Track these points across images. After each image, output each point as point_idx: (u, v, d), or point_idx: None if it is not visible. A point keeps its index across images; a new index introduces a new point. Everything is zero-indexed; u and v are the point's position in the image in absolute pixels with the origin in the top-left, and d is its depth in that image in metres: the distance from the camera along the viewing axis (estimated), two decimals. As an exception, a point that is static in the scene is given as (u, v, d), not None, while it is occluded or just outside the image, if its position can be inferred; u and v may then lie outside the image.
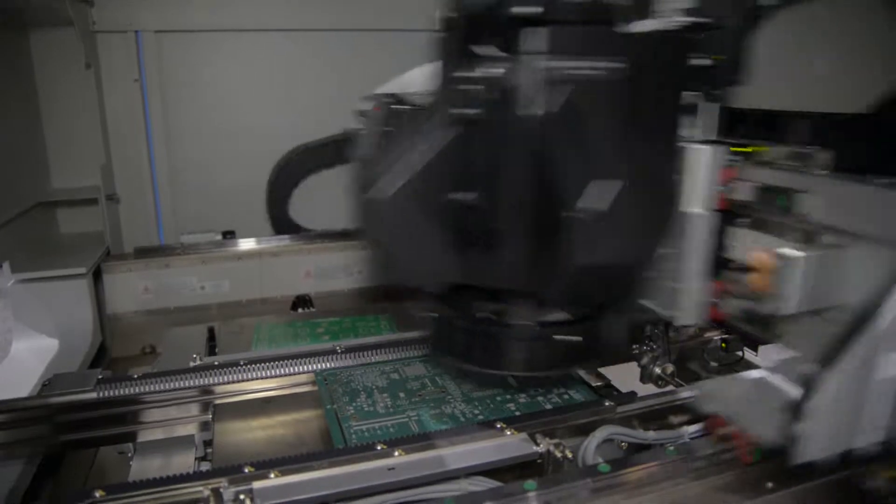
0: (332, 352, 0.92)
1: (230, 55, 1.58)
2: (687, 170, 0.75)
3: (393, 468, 0.63)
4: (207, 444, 0.82)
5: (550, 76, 0.60)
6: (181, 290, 1.36)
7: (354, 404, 0.81)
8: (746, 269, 0.70)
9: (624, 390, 0.86)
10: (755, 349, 0.94)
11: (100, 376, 0.84)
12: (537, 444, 0.68)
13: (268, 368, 0.88)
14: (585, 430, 0.73)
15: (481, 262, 0.69)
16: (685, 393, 0.83)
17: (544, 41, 0.60)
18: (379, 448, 0.66)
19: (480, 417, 0.78)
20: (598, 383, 0.88)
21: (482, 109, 0.61)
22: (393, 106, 0.84)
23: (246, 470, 0.62)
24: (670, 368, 0.91)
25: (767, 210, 0.72)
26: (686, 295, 0.78)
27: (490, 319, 0.74)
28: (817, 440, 0.55)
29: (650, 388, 0.91)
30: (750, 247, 0.75)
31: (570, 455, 0.67)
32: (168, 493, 0.61)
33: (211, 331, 1.17)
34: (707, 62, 0.73)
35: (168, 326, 1.24)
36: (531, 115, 0.60)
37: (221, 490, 0.60)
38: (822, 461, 0.56)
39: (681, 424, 0.77)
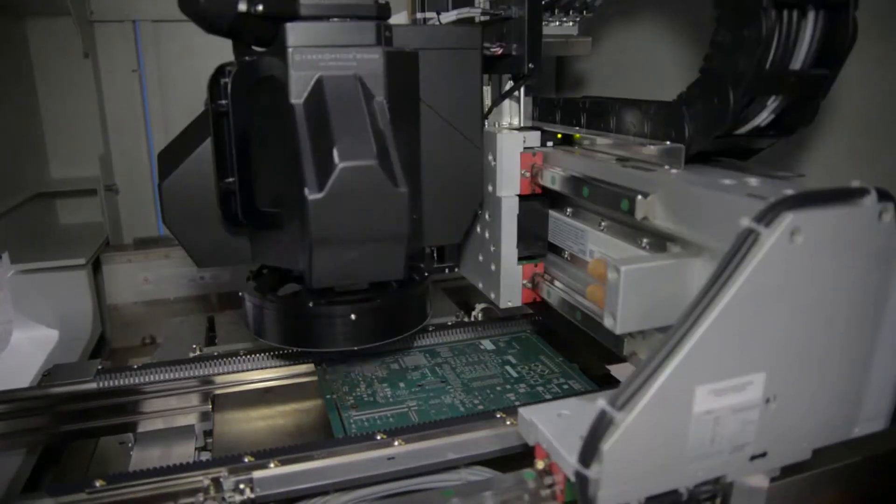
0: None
1: (227, 47, 1.57)
2: (496, 155, 0.81)
3: (393, 458, 0.63)
4: (207, 434, 0.82)
5: (303, 67, 0.65)
6: (181, 281, 1.36)
7: (354, 394, 0.81)
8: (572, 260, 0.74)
9: (623, 380, 0.86)
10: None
11: (99, 367, 0.84)
12: (537, 434, 0.68)
13: (268, 358, 0.88)
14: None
15: (263, 243, 0.76)
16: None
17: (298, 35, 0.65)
18: (379, 438, 0.66)
19: (480, 407, 0.78)
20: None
21: (232, 101, 0.68)
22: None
23: (246, 459, 0.62)
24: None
25: (610, 210, 0.68)
26: (503, 276, 0.85)
27: (283, 299, 0.83)
28: (619, 483, 0.46)
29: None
30: (601, 254, 0.74)
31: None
32: (168, 483, 0.61)
33: (211, 321, 1.17)
34: (499, 51, 0.82)
35: (168, 317, 1.25)
36: (285, 103, 0.65)
37: (221, 479, 0.60)
38: None
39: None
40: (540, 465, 0.56)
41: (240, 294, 0.84)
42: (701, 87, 0.63)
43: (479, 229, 0.89)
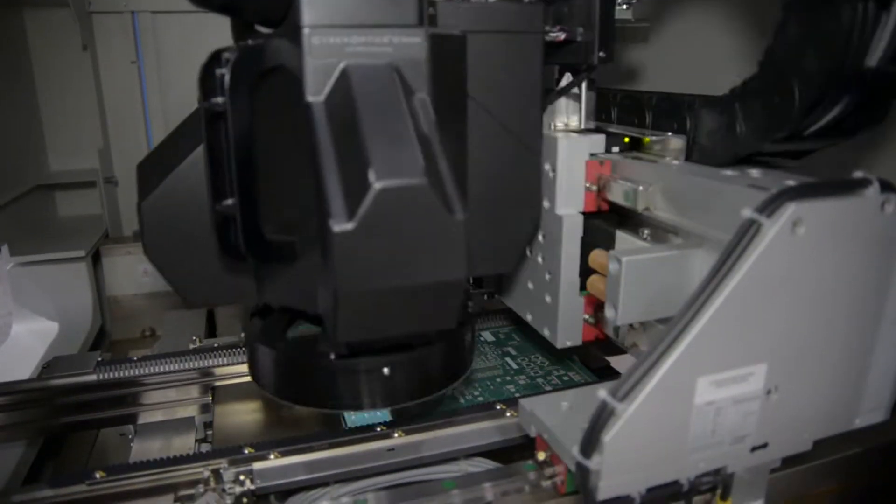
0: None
1: (228, 36, 1.56)
2: (555, 164, 0.66)
3: (392, 449, 0.63)
4: (208, 425, 0.82)
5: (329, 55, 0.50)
6: (180, 273, 1.35)
7: (354, 386, 0.80)
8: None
9: (623, 372, 0.86)
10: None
11: (99, 359, 0.84)
12: (537, 426, 0.67)
13: (267, 351, 0.87)
14: (585, 412, 0.73)
15: (271, 278, 0.60)
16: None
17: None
18: (378, 429, 0.66)
19: (480, 399, 0.78)
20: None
21: (231, 99, 0.51)
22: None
23: (246, 451, 0.62)
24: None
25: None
26: (560, 311, 0.70)
27: (291, 345, 0.65)
28: (620, 474, 0.46)
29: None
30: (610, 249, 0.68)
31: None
32: (168, 474, 0.61)
33: (210, 313, 1.17)
34: (561, 36, 0.66)
35: (167, 309, 1.24)
36: (306, 101, 0.50)
37: (221, 471, 0.60)
38: (631, 497, 0.48)
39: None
40: (541, 456, 0.56)
41: (242, 335, 0.71)
42: (760, 83, 0.57)
43: (529, 252, 0.74)
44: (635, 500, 0.48)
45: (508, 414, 0.69)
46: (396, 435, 0.65)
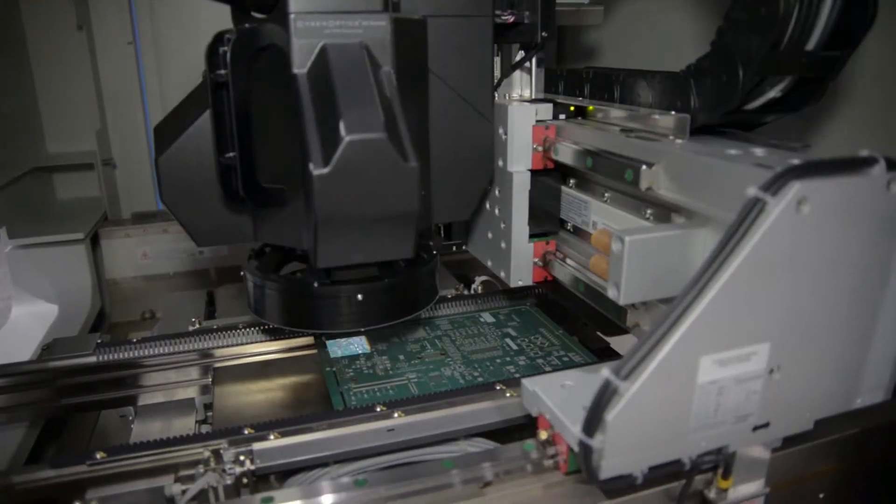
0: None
1: (226, 16, 1.54)
2: (507, 128, 0.78)
3: (392, 429, 0.63)
4: (208, 407, 0.82)
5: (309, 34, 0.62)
6: (180, 256, 1.35)
7: (354, 367, 0.81)
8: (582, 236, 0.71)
9: (623, 353, 0.86)
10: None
11: (99, 340, 0.84)
12: (537, 406, 0.68)
13: (267, 332, 0.88)
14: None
15: (266, 221, 0.73)
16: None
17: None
18: (378, 410, 0.66)
19: (480, 380, 0.78)
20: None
21: (231, 71, 0.65)
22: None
23: (246, 431, 0.62)
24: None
25: (614, 181, 0.68)
26: (513, 255, 0.81)
27: (287, 279, 0.79)
28: (622, 453, 0.47)
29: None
30: (604, 225, 0.73)
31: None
32: (169, 455, 0.61)
33: (210, 295, 1.17)
34: (511, 19, 0.79)
35: (167, 291, 1.24)
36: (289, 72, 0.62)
37: (222, 451, 0.60)
38: (633, 476, 0.48)
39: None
40: (543, 435, 0.56)
41: (241, 273, 0.81)
42: (710, 62, 0.61)
43: (488, 206, 0.87)
44: (637, 478, 0.48)
45: (508, 394, 0.69)
46: (396, 415, 0.65)
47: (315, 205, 0.59)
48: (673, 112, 0.66)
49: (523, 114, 0.77)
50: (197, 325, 0.93)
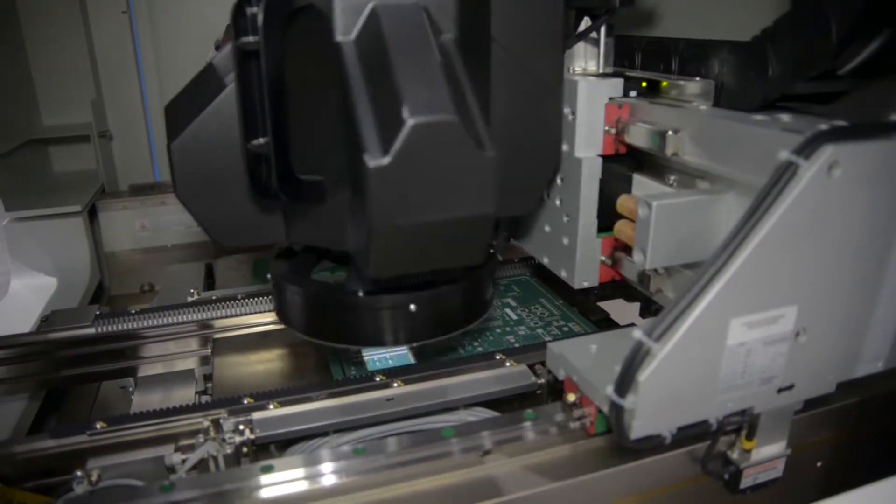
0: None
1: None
2: (574, 107, 0.66)
3: (392, 399, 0.63)
4: (207, 378, 0.82)
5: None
6: (178, 228, 1.34)
7: (353, 338, 0.80)
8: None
9: (623, 323, 0.86)
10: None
11: (97, 312, 0.84)
12: (537, 376, 0.68)
13: (266, 302, 0.87)
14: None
15: (300, 217, 0.62)
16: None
17: None
18: (378, 379, 0.66)
19: (480, 349, 0.78)
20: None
21: (265, 38, 0.51)
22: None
23: (245, 401, 0.63)
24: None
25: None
26: (579, 252, 0.70)
27: (321, 285, 0.68)
28: (652, 414, 0.47)
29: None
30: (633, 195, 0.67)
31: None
32: (169, 425, 0.61)
33: (209, 267, 1.16)
34: None
35: (166, 264, 1.24)
36: (336, 40, 0.51)
37: (221, 421, 0.60)
38: (663, 436, 0.49)
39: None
40: (570, 398, 0.57)
41: (269, 276, 0.72)
42: (793, 21, 0.55)
43: (546, 195, 0.74)
44: (666, 438, 0.49)
45: (508, 364, 0.69)
46: (396, 385, 0.65)
47: (370, 203, 0.47)
48: (697, 78, 0.64)
49: (595, 90, 0.66)
50: (196, 297, 0.92)
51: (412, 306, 0.63)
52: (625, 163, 0.68)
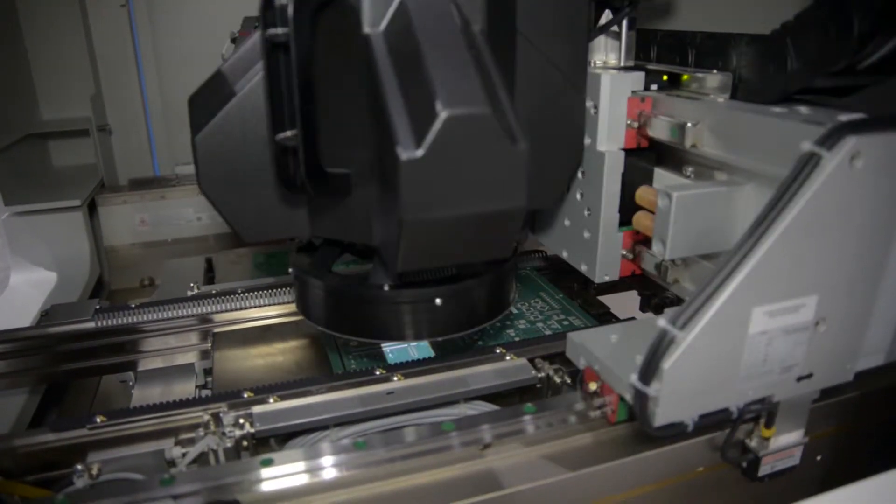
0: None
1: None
2: (597, 100, 0.66)
3: (392, 392, 0.63)
4: (207, 372, 0.82)
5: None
6: (178, 222, 1.34)
7: (353, 332, 0.80)
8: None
9: (622, 317, 0.86)
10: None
11: (97, 306, 0.84)
12: (537, 370, 0.68)
13: (266, 296, 0.87)
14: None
15: (326, 211, 0.62)
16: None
17: None
18: (378, 373, 0.66)
19: (480, 343, 0.78)
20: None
21: (295, 29, 0.51)
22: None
23: (245, 395, 0.63)
24: (671, 296, 0.90)
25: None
26: (600, 247, 0.70)
27: (342, 278, 0.69)
28: (676, 402, 0.48)
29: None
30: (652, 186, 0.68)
31: (569, 381, 0.67)
32: (169, 418, 0.61)
33: (209, 261, 1.16)
34: None
35: (166, 258, 1.24)
36: (365, 31, 0.51)
37: (221, 414, 0.60)
38: (685, 423, 0.50)
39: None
40: (592, 386, 0.58)
41: (290, 270, 0.72)
42: (815, 15, 0.55)
43: (566, 189, 0.74)
44: (689, 426, 0.50)
45: (508, 357, 0.69)
46: (396, 378, 0.65)
47: (402, 197, 0.47)
48: (714, 71, 0.64)
49: (618, 84, 0.66)
50: (196, 291, 0.92)
51: (437, 301, 0.64)
52: (646, 157, 0.68)
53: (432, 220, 0.49)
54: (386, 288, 0.64)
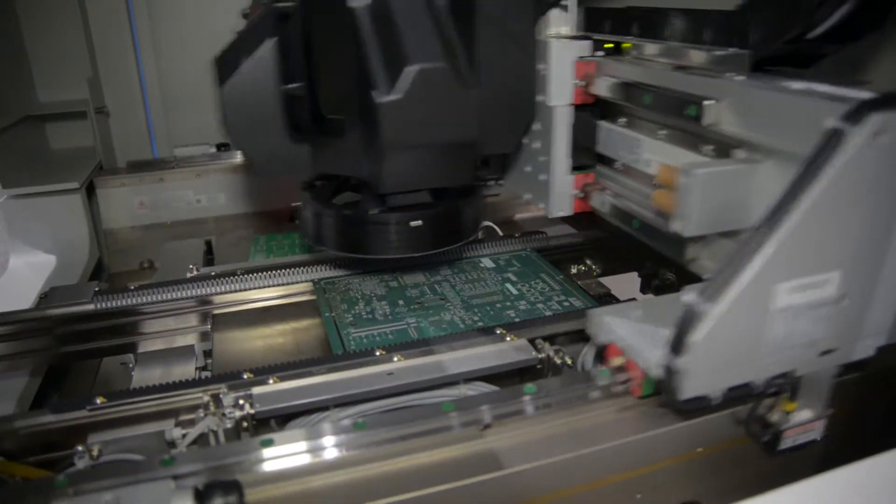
0: (331, 260, 0.91)
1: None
2: (548, 63, 0.78)
3: (392, 373, 0.63)
4: (207, 354, 0.82)
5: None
6: (177, 204, 1.34)
7: (353, 312, 0.80)
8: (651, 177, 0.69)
9: (623, 299, 0.86)
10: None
11: (97, 289, 0.84)
12: (537, 350, 0.67)
13: (266, 278, 0.87)
14: (585, 337, 0.72)
15: (324, 151, 0.74)
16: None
17: None
18: (378, 354, 0.66)
19: (480, 324, 0.78)
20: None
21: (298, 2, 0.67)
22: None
23: (245, 376, 0.63)
24: (671, 278, 0.90)
25: (673, 117, 0.68)
26: (553, 187, 0.83)
27: (341, 207, 0.82)
28: (702, 375, 0.49)
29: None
30: (661, 162, 0.71)
31: (569, 361, 0.67)
32: (168, 400, 0.61)
33: (208, 244, 1.16)
34: None
35: (165, 241, 1.24)
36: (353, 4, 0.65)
37: (221, 395, 0.60)
38: (710, 397, 0.51)
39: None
40: (616, 361, 0.58)
41: (294, 204, 0.84)
42: None
43: (527, 139, 0.87)
44: (713, 400, 0.50)
45: (508, 338, 0.69)
46: (396, 359, 0.65)
47: (381, 131, 0.64)
48: (730, 48, 0.65)
49: (565, 49, 0.78)
50: (195, 273, 0.92)
51: (413, 223, 0.78)
52: (591, 111, 0.82)
53: (405, 147, 0.67)
54: (374, 212, 0.78)
